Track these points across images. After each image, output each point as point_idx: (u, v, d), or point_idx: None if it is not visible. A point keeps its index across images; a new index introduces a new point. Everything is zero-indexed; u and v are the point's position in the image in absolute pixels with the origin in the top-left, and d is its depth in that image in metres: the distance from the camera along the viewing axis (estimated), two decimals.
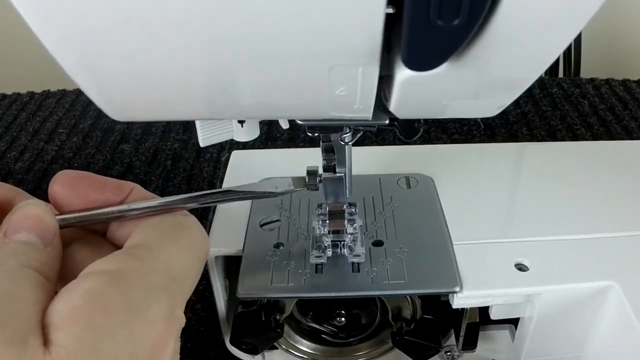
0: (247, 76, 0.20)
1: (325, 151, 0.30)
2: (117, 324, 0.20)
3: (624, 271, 0.32)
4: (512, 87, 0.22)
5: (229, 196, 0.29)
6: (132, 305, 0.21)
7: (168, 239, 0.24)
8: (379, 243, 0.34)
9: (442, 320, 0.35)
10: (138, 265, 0.22)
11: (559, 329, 0.34)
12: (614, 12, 0.94)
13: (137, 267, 0.22)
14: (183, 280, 0.24)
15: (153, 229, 0.24)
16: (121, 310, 0.20)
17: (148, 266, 0.22)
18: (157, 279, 0.22)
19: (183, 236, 0.25)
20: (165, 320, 0.22)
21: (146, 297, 0.21)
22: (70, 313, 0.20)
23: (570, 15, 0.18)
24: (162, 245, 0.24)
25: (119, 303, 0.20)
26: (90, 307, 0.20)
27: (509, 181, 0.40)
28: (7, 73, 0.93)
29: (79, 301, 0.20)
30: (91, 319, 0.19)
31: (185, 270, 0.24)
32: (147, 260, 0.23)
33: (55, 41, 0.18)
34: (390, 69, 0.21)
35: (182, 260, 0.24)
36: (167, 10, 0.17)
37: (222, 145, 0.61)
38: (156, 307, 0.22)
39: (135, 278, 0.22)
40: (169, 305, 0.22)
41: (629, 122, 0.63)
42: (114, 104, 0.22)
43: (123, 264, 0.22)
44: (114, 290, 0.21)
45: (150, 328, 0.21)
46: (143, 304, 0.21)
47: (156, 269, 0.23)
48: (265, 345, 0.35)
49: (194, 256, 0.25)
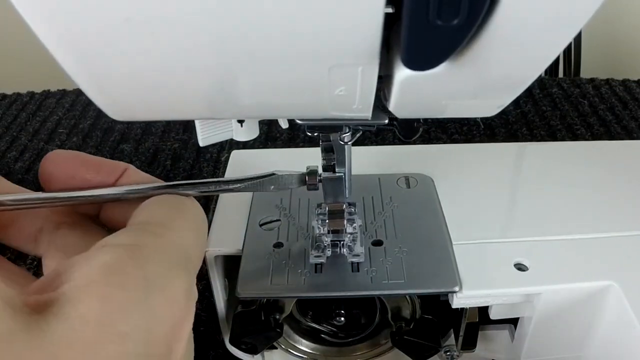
0: (247, 76, 0.20)
1: (325, 151, 0.30)
2: (135, 300, 0.19)
3: (624, 271, 0.32)
4: (511, 87, 0.22)
5: (230, 185, 0.28)
6: (152, 282, 0.20)
7: (176, 215, 0.24)
8: (378, 243, 0.34)
9: (442, 320, 0.35)
10: (155, 241, 0.21)
11: (558, 328, 0.34)
12: (614, 12, 0.94)
13: (155, 243, 0.21)
14: (195, 256, 0.23)
15: (159, 206, 0.24)
16: (140, 286, 0.19)
17: (165, 242, 0.22)
18: (175, 255, 0.22)
19: (187, 214, 0.24)
20: (185, 298, 0.21)
21: (167, 274, 0.21)
22: (86, 286, 0.18)
23: (569, 14, 0.18)
24: (173, 221, 0.23)
25: (138, 279, 0.19)
26: (107, 281, 0.19)
27: (508, 181, 0.40)
28: (7, 73, 0.93)
29: (96, 274, 0.19)
30: (108, 295, 0.18)
31: (195, 247, 0.24)
32: (163, 236, 0.22)
33: (55, 41, 0.18)
34: (389, 68, 0.21)
35: (192, 237, 0.24)
36: (167, 10, 0.17)
37: (221, 145, 0.61)
38: (177, 284, 0.21)
39: (153, 253, 0.21)
40: (187, 282, 0.22)
41: (629, 122, 0.63)
42: (113, 103, 0.22)
43: (139, 238, 0.21)
44: (132, 265, 0.20)
45: (171, 306, 0.20)
46: (163, 281, 0.20)
47: (173, 245, 0.22)
48: (264, 345, 0.35)
49: (199, 233, 0.25)
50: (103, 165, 0.25)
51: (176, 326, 0.20)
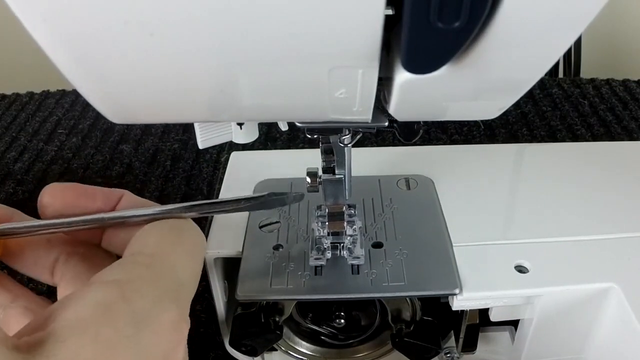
0: (247, 79, 0.20)
1: (325, 153, 0.30)
2: (125, 337, 0.19)
3: (624, 272, 0.32)
4: (512, 90, 0.22)
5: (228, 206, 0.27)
6: (141, 317, 0.20)
7: (170, 242, 0.24)
8: (378, 245, 0.34)
9: (442, 321, 0.35)
10: (145, 273, 0.22)
11: (559, 330, 0.34)
12: (614, 12, 0.94)
13: (145, 275, 0.21)
14: (188, 282, 0.24)
15: (154, 232, 0.24)
16: (130, 322, 0.20)
17: (156, 273, 0.22)
18: (165, 285, 0.22)
19: (183, 238, 0.24)
20: (175, 328, 0.21)
21: (155, 307, 0.21)
22: (76, 324, 0.19)
23: (571, 17, 0.18)
24: (166, 249, 0.23)
25: (127, 315, 0.20)
26: (97, 320, 0.19)
27: (509, 182, 0.40)
28: (6, 73, 0.93)
29: (86, 312, 0.19)
30: (97, 333, 0.19)
31: (189, 272, 0.24)
32: (154, 267, 0.22)
33: (53, 44, 0.18)
34: (389, 71, 0.21)
35: (186, 263, 0.24)
36: (166, 13, 0.17)
37: (221, 145, 0.61)
38: (166, 316, 0.21)
39: (144, 287, 0.21)
40: (178, 313, 0.22)
41: (629, 123, 0.63)
42: (112, 106, 0.22)
43: (130, 273, 0.21)
44: (121, 301, 0.20)
45: (160, 338, 0.21)
46: (152, 314, 0.21)
47: (164, 275, 0.22)
48: (264, 347, 0.35)
49: (195, 258, 0.25)
50: (99, 193, 0.26)
51: (167, 356, 0.21)
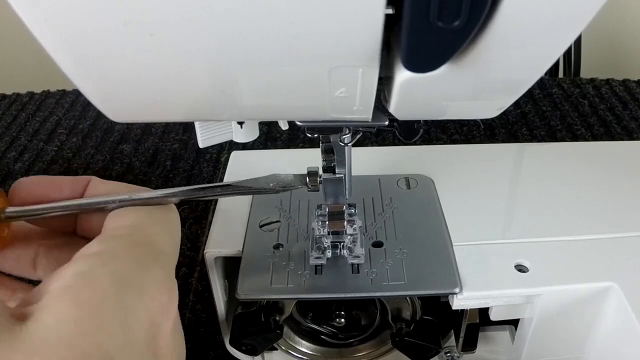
0: (247, 78, 0.20)
1: (325, 152, 0.30)
2: (107, 298, 0.20)
3: (624, 272, 0.32)
4: (512, 89, 0.22)
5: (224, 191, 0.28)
6: (123, 279, 0.21)
7: (147, 216, 0.24)
8: (378, 244, 0.34)
9: (442, 321, 0.35)
10: (124, 241, 0.22)
11: (559, 330, 0.34)
12: (614, 12, 0.94)
13: (124, 243, 0.22)
14: (169, 251, 0.24)
15: (130, 210, 0.25)
16: (112, 285, 0.20)
17: (133, 240, 0.23)
18: (145, 251, 0.23)
19: (160, 214, 0.25)
20: (159, 288, 0.22)
21: (136, 268, 0.22)
22: (58, 293, 0.20)
23: (570, 16, 0.18)
24: (144, 221, 0.24)
25: (107, 279, 0.21)
26: (78, 285, 0.20)
27: (509, 182, 0.40)
28: (7, 73, 0.93)
29: (68, 282, 0.20)
30: (78, 297, 0.20)
31: (170, 243, 0.24)
32: (131, 236, 0.23)
33: (54, 45, 0.18)
34: (390, 70, 0.21)
35: (164, 234, 0.24)
36: (166, 13, 0.17)
37: (221, 145, 0.61)
38: (148, 276, 0.22)
39: (122, 252, 0.22)
40: (162, 272, 0.22)
41: (629, 122, 0.63)
42: (113, 106, 0.22)
43: (109, 243, 0.22)
44: (101, 267, 0.21)
45: (145, 298, 0.21)
46: (133, 275, 0.21)
47: (143, 242, 0.23)
48: (264, 346, 0.35)
49: (172, 231, 0.25)
50: (66, 182, 0.26)
51: (155, 316, 0.21)
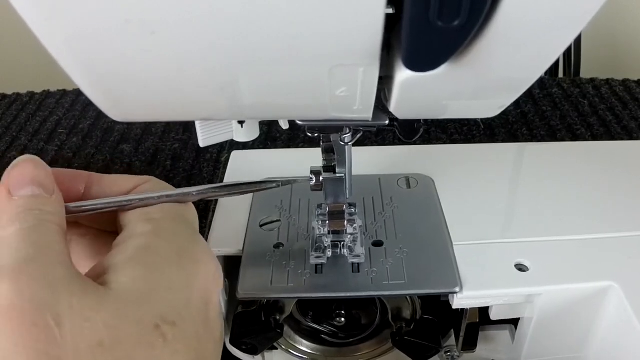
0: (247, 77, 0.20)
1: (326, 151, 0.30)
2: (170, 263, 0.23)
3: (624, 271, 0.32)
4: (512, 88, 0.22)
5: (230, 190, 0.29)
6: (180, 249, 0.24)
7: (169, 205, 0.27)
8: (378, 243, 0.34)
9: (442, 320, 0.35)
10: (166, 221, 0.25)
11: (559, 329, 0.34)
12: (614, 12, 0.94)
13: (167, 221, 0.25)
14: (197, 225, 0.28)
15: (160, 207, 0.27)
16: (171, 253, 0.23)
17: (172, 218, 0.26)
18: (186, 227, 0.26)
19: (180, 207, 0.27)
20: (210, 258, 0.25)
21: (189, 241, 0.25)
22: (125, 261, 0.22)
23: (570, 16, 0.18)
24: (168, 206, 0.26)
25: (167, 248, 0.24)
26: (143, 253, 0.23)
27: (509, 181, 0.40)
28: (7, 73, 0.93)
29: (132, 253, 0.23)
30: (146, 262, 0.23)
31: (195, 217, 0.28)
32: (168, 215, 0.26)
33: (56, 43, 0.18)
34: (390, 69, 0.21)
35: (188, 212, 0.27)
36: (167, 12, 0.17)
37: (222, 145, 0.61)
38: (199, 248, 0.25)
39: (170, 229, 0.25)
40: (206, 245, 0.26)
41: (629, 122, 0.63)
42: (114, 104, 0.22)
43: (153, 223, 0.25)
44: (160, 241, 0.24)
45: (199, 267, 0.24)
46: (188, 247, 0.25)
47: (179, 219, 0.26)
48: (265, 345, 0.35)
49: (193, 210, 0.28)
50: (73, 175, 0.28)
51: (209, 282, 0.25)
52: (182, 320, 0.22)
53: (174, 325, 0.21)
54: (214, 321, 0.25)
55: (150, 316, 0.21)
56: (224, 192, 0.29)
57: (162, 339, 0.21)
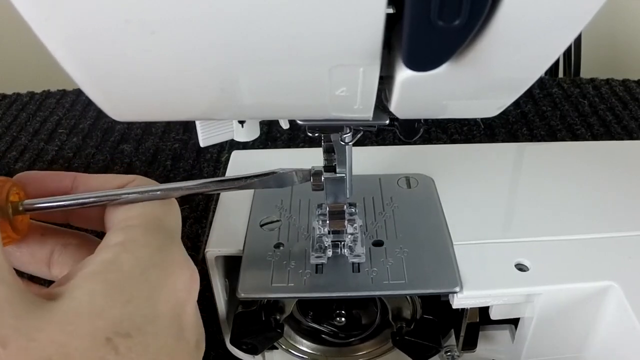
0: (248, 77, 0.20)
1: (326, 151, 0.30)
2: (132, 277, 0.22)
3: (624, 271, 0.32)
4: (512, 88, 0.22)
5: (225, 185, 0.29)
6: (147, 262, 0.23)
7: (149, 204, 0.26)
8: (379, 243, 0.34)
9: (442, 320, 0.35)
10: (141, 229, 0.25)
11: (559, 329, 0.34)
12: (614, 12, 0.94)
13: (141, 231, 0.25)
14: (178, 231, 0.26)
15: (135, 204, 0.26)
16: (136, 266, 0.23)
17: (149, 226, 0.25)
18: (161, 236, 0.25)
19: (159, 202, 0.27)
20: (183, 269, 0.25)
21: (159, 252, 0.24)
22: (88, 275, 0.22)
23: (570, 16, 0.18)
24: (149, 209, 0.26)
25: (133, 262, 0.23)
26: (105, 269, 0.22)
27: (509, 181, 0.40)
28: (7, 73, 0.93)
29: (96, 267, 0.22)
30: (106, 277, 0.22)
31: (177, 223, 0.27)
32: (146, 223, 0.25)
33: (56, 43, 0.18)
34: (390, 69, 0.21)
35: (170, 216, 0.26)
36: (167, 12, 0.17)
37: (222, 145, 0.61)
38: (171, 259, 0.24)
39: (143, 240, 0.24)
40: (182, 255, 0.25)
41: (629, 122, 0.63)
42: (114, 104, 0.22)
43: (127, 232, 0.24)
44: (127, 254, 0.23)
45: (169, 277, 0.24)
46: (157, 259, 0.24)
47: (156, 227, 0.25)
48: (265, 345, 0.35)
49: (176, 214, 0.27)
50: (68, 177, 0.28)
51: (180, 293, 0.24)
52: (141, 333, 0.22)
53: (129, 338, 0.21)
54: (189, 331, 0.24)
55: (102, 330, 0.21)
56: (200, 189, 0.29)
57: (114, 352, 0.21)
